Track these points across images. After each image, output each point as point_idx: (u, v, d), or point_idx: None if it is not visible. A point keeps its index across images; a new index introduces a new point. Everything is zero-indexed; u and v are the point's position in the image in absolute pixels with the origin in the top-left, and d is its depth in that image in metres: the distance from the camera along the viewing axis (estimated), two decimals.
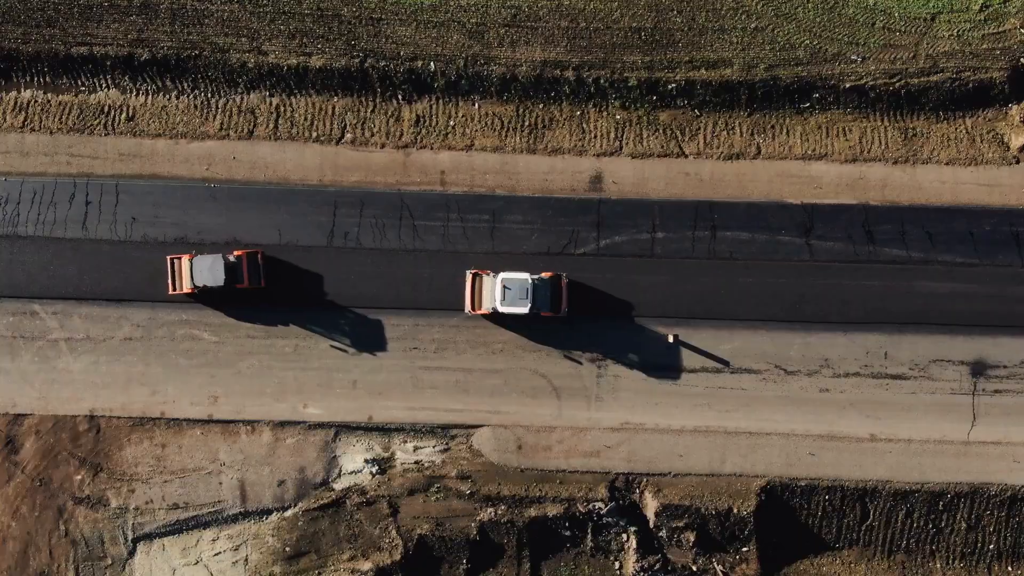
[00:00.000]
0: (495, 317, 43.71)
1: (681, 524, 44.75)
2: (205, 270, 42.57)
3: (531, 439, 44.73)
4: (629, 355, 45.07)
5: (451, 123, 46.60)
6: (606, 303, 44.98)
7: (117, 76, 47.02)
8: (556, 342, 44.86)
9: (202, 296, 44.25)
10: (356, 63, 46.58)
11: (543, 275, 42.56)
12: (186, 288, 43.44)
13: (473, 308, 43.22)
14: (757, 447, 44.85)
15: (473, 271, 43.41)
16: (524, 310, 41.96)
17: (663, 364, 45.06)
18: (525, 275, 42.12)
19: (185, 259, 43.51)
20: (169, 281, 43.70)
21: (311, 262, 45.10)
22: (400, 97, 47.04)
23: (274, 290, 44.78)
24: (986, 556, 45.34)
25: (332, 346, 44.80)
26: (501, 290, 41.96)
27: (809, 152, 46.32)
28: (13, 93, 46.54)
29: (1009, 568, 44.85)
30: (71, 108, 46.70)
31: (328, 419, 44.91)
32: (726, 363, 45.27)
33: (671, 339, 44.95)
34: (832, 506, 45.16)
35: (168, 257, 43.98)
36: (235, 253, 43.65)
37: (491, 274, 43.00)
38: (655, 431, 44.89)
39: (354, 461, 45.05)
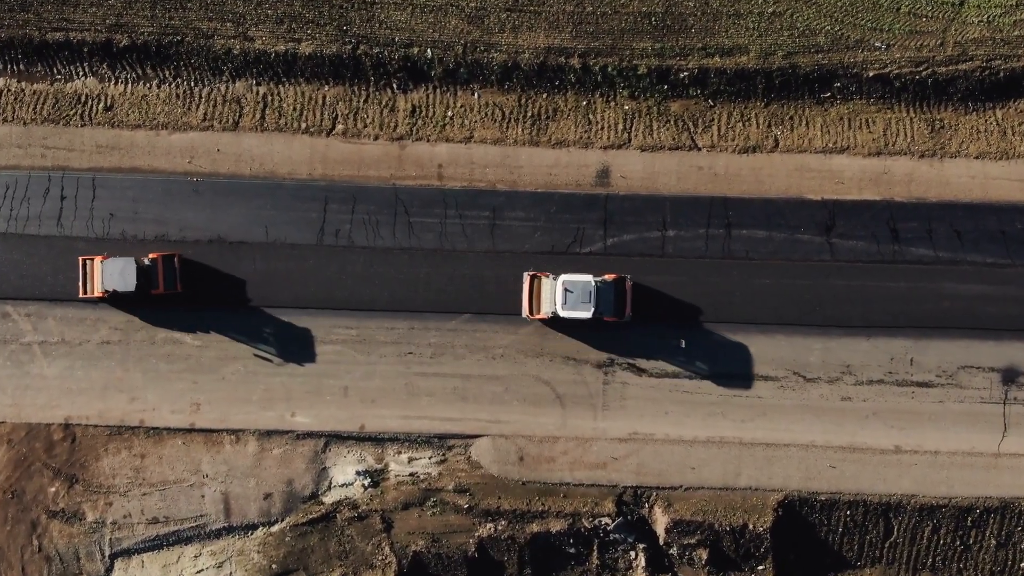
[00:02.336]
0: (553, 322, 43.35)
1: (693, 541, 44.29)
2: (116, 274, 42.10)
3: (533, 450, 44.31)
4: (638, 361, 44.55)
5: (449, 114, 45.98)
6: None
7: (95, 63, 46.30)
8: (560, 347, 44.48)
9: (116, 300, 43.79)
10: (348, 50, 45.86)
11: (606, 277, 42.32)
12: (97, 292, 42.78)
13: (531, 312, 42.73)
14: (774, 459, 44.33)
15: (531, 272, 43.09)
16: (587, 315, 41.67)
17: (674, 370, 44.59)
18: (588, 277, 41.85)
19: (97, 260, 42.85)
20: (80, 284, 43.26)
21: (300, 261, 44.68)
22: (395, 86, 46.32)
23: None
24: (1017, 575, 44.85)
25: (319, 350, 44.56)
26: (562, 293, 41.59)
27: (830, 145, 45.59)
28: None
29: None
30: (46, 97, 46.11)
31: (318, 428, 44.41)
32: (741, 369, 44.60)
33: (683, 344, 44.40)
34: (854, 522, 44.64)
35: (80, 258, 43.56)
36: (150, 256, 43.22)
37: (551, 276, 42.64)
38: (665, 442, 44.39)
39: (345, 473, 44.57)
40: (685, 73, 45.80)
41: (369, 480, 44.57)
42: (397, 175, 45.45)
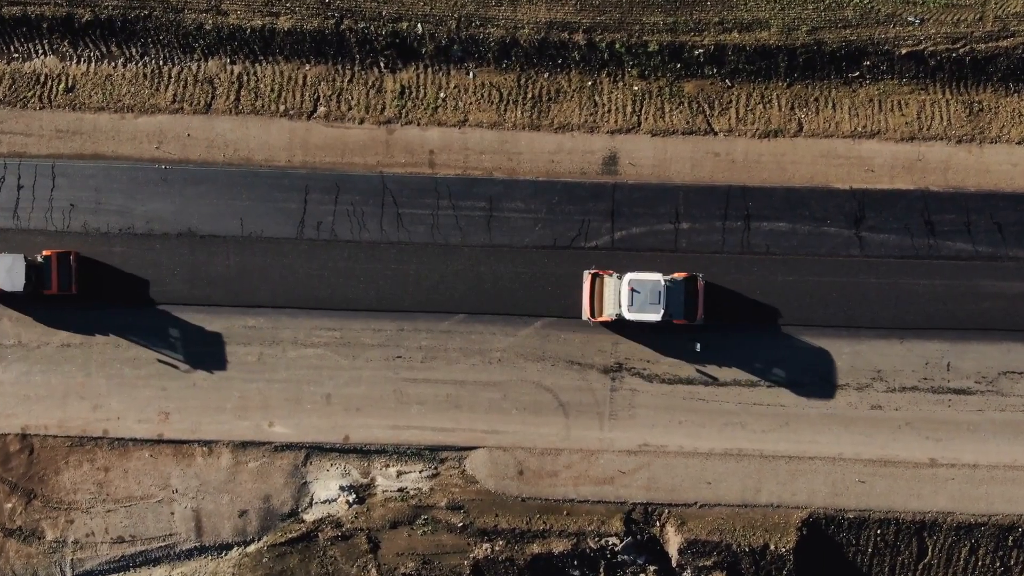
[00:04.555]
0: (617, 326, 43.23)
1: (709, 563, 43.97)
2: (2, 272, 41.93)
3: (534, 463, 44.02)
4: (648, 365, 43.99)
5: (441, 95, 45.30)
6: None
7: (54, 40, 45.63)
8: (563, 350, 44.05)
9: (7, 300, 43.57)
10: (331, 25, 45.04)
11: (675, 276, 42.24)
12: None
13: (592, 315, 42.68)
14: (798, 473, 43.93)
15: (592, 271, 43.03)
16: (656, 317, 41.52)
17: (688, 376, 44.12)
18: (657, 276, 41.79)
19: None
20: None
21: (278, 256, 44.44)
22: (382, 65, 45.64)
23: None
24: None
25: (299, 354, 44.23)
26: (628, 294, 41.41)
27: (859, 129, 44.81)
28: None
29: None
30: (1, 78, 45.46)
31: (297, 439, 44.26)
32: (762, 375, 44.13)
33: (698, 347, 43.74)
34: (885, 542, 44.21)
35: None
36: (44, 253, 42.83)
37: (614, 275, 42.64)
38: (679, 454, 44.03)
39: (328, 488, 44.41)
40: (700, 50, 45.11)
41: (354, 496, 44.24)
42: (384, 162, 44.86)
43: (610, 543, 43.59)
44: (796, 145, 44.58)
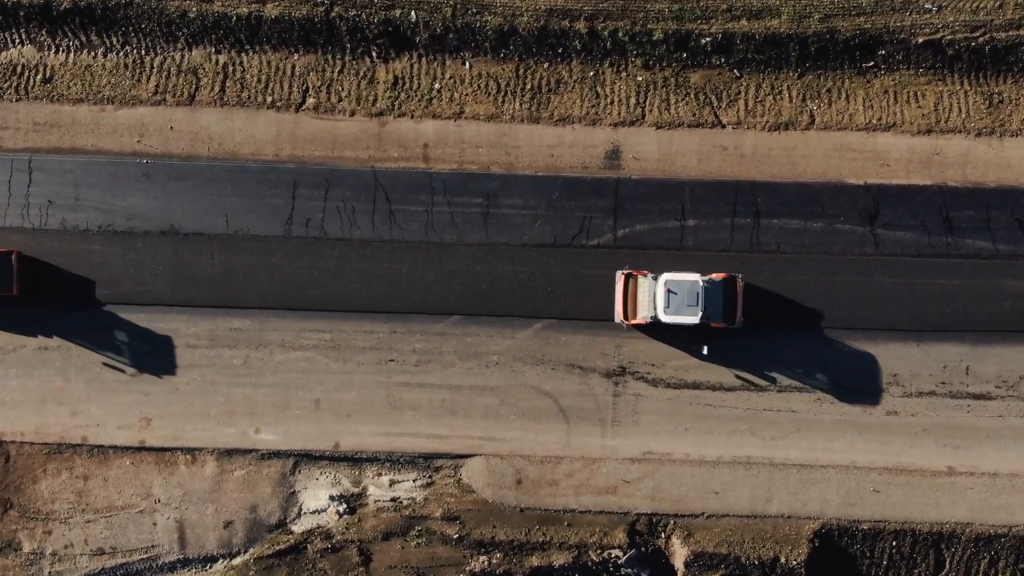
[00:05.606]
0: (652, 329, 43.04)
1: None
2: None
3: (533, 472, 43.87)
4: (653, 369, 43.75)
5: (436, 86, 45.28)
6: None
7: (32, 29, 45.39)
8: (564, 353, 43.93)
9: None
10: (321, 12, 44.86)
11: (713, 277, 42.07)
12: None
13: (625, 317, 42.57)
14: (810, 482, 43.73)
15: (626, 271, 42.92)
16: (694, 320, 41.44)
17: (695, 380, 43.90)
18: (695, 276, 41.68)
19: None
20: None
21: (265, 255, 44.15)
22: (374, 54, 45.62)
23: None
24: None
25: (287, 357, 43.94)
26: (664, 295, 41.33)
27: (874, 122, 44.73)
28: None
29: None
30: None
31: (285, 447, 44.10)
32: (772, 379, 43.94)
33: (705, 350, 43.23)
34: (900, 554, 43.98)
35: None
36: None
37: (649, 275, 42.55)
38: (685, 462, 43.91)
39: (317, 498, 44.25)
40: (707, 39, 45.07)
41: (344, 506, 44.11)
42: (376, 156, 44.84)
43: (613, 556, 43.59)
44: (808, 138, 44.70)
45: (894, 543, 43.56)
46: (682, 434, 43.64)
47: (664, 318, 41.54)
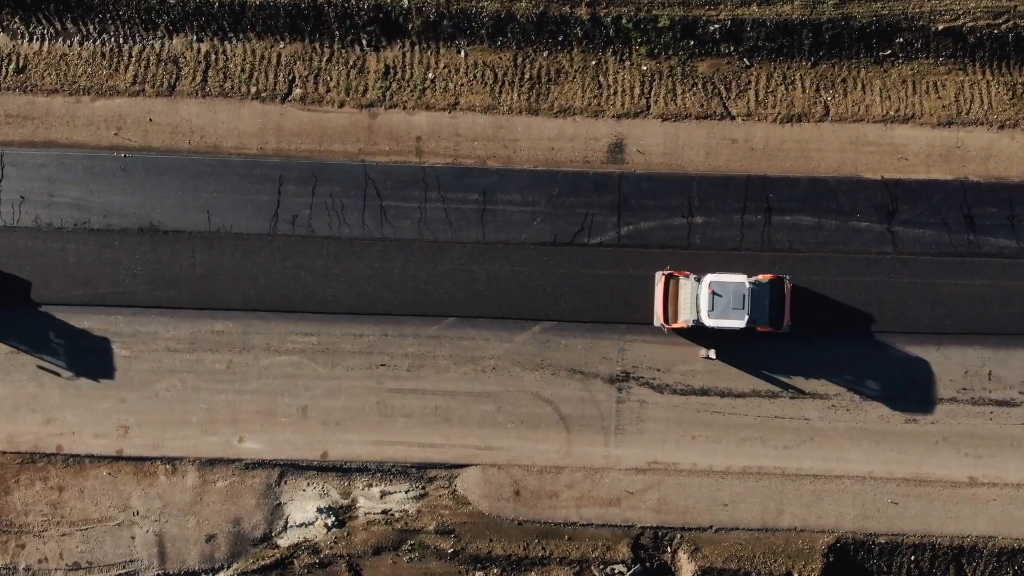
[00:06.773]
0: (693, 333, 42.58)
1: None
2: None
3: (532, 483, 43.28)
4: (658, 374, 43.10)
5: (430, 76, 44.97)
6: (630, 308, 43.77)
7: (4, 17, 45.11)
8: (564, 358, 43.38)
9: None
10: None
11: (759, 278, 41.51)
12: None
13: (665, 321, 42.07)
14: (824, 494, 43.14)
15: (666, 272, 42.45)
16: (740, 323, 40.81)
17: (702, 386, 43.30)
18: (741, 277, 41.11)
19: None
20: None
21: (249, 253, 43.62)
22: (364, 42, 45.29)
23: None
24: None
25: (273, 361, 43.30)
26: (709, 297, 40.68)
27: (891, 113, 44.37)
28: None
29: None
30: None
31: (271, 456, 43.53)
32: (784, 385, 43.32)
33: (712, 355, 42.65)
34: (919, 569, 43.42)
35: None
36: None
37: (691, 276, 42.01)
38: (692, 473, 43.34)
39: (304, 510, 43.66)
40: (715, 26, 44.68)
41: (333, 519, 43.50)
42: (367, 150, 44.53)
43: (616, 571, 42.93)
44: (822, 131, 44.45)
45: (913, 558, 43.01)
46: (689, 443, 43.09)
47: (708, 322, 41.08)
